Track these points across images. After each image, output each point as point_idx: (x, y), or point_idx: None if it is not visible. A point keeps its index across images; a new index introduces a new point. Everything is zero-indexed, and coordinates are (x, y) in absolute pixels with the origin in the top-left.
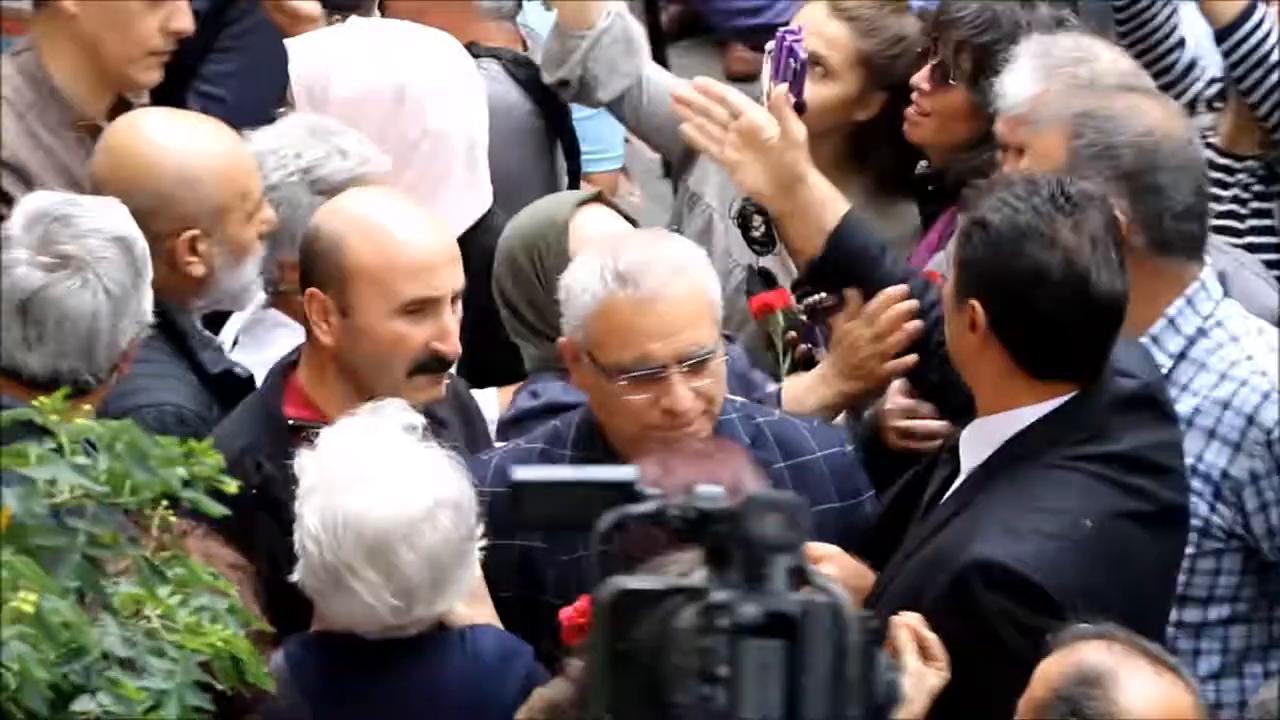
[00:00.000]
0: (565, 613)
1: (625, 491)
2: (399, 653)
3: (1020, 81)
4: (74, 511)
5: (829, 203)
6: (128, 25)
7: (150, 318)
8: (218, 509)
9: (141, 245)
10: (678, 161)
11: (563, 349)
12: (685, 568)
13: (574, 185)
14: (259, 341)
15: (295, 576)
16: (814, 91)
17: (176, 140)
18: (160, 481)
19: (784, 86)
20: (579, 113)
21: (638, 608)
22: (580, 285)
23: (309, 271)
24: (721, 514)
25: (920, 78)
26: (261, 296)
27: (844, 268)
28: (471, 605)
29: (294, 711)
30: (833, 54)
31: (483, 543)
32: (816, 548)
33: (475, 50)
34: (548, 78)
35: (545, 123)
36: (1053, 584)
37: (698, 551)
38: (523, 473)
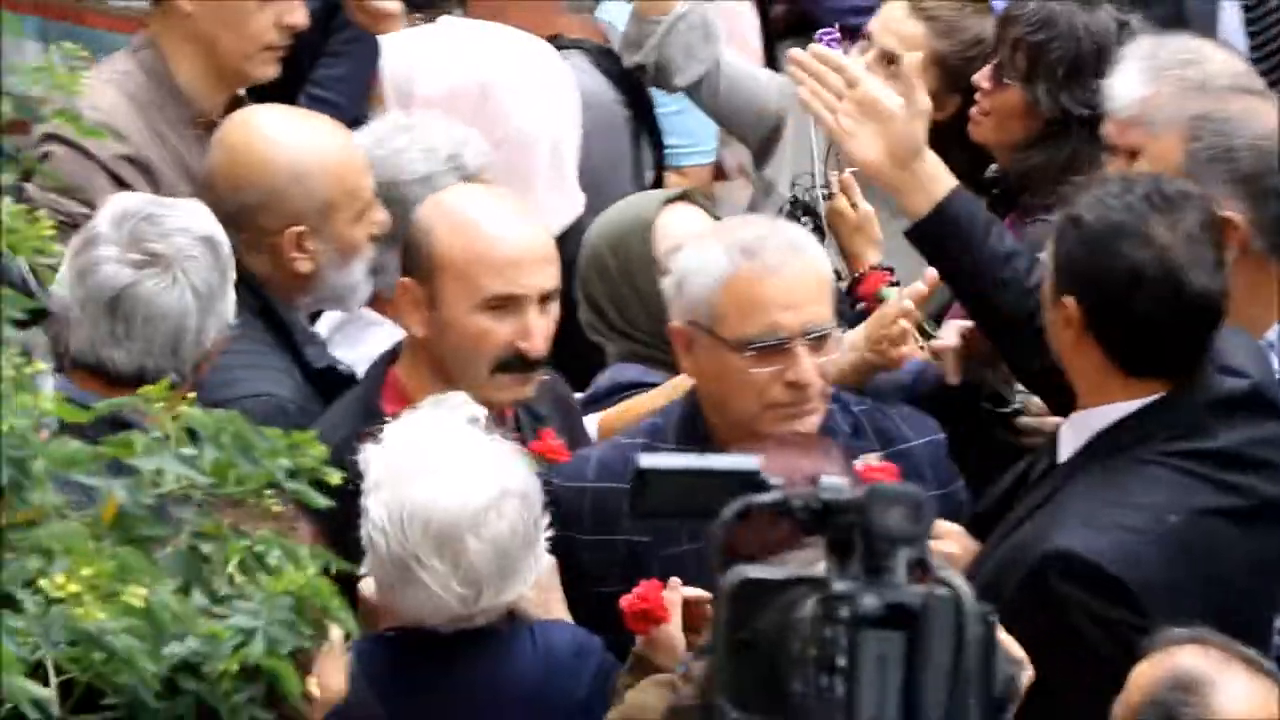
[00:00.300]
0: (626, 600)
1: (749, 481)
2: (469, 646)
3: (1129, 83)
4: (179, 501)
5: (941, 178)
6: (243, 22)
7: (232, 318)
8: (321, 501)
9: (227, 246)
10: (756, 151)
11: (674, 335)
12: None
13: (658, 177)
14: (351, 339)
15: (364, 570)
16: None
17: (289, 136)
18: (265, 472)
19: (918, 56)
20: (671, 105)
21: (759, 597)
22: (699, 265)
23: (404, 261)
24: (845, 505)
25: (981, 76)
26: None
27: (948, 235)
28: (543, 602)
29: (365, 708)
30: (907, 52)
31: (549, 532)
32: (939, 525)
33: (560, 42)
34: (626, 61)
35: (631, 113)
36: (1131, 577)
37: (820, 545)
38: (648, 460)
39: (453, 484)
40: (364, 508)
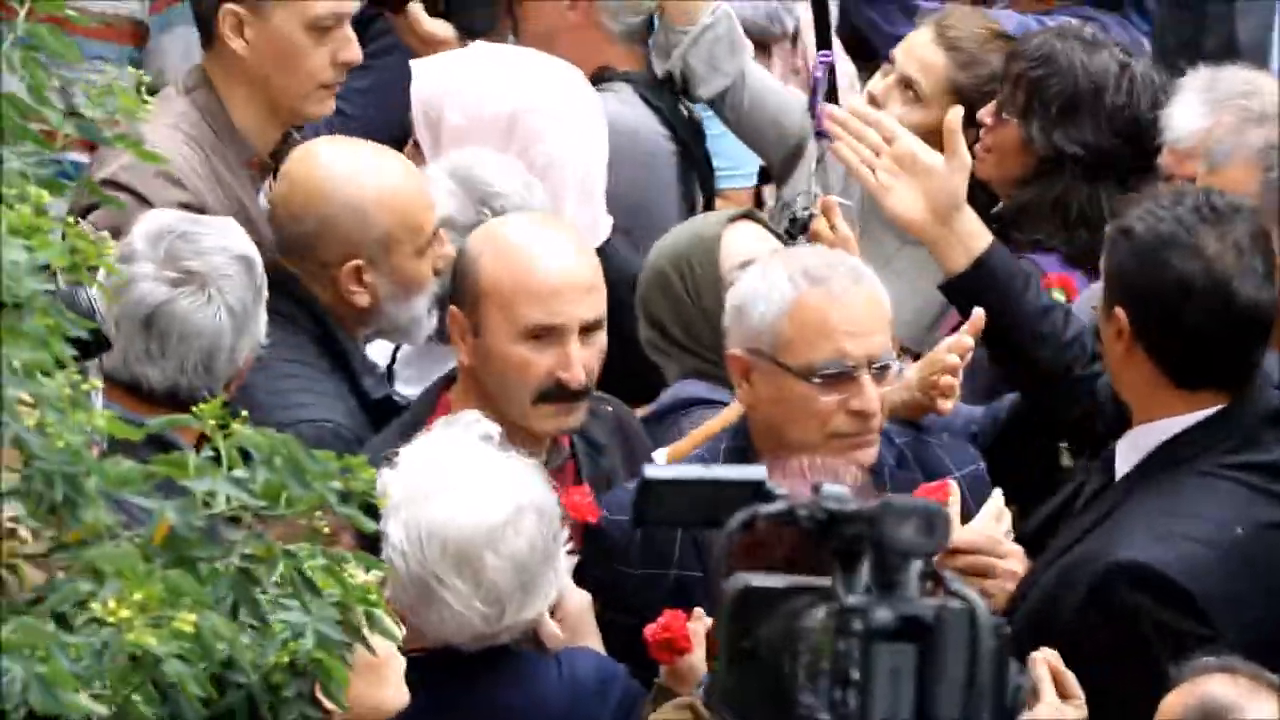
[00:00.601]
0: (650, 629)
1: (755, 490)
2: (494, 671)
3: (1188, 114)
4: (229, 522)
5: (978, 233)
6: (298, 62)
7: (264, 338)
8: (372, 525)
9: (260, 264)
10: (777, 170)
11: (732, 363)
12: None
13: (709, 208)
14: (426, 370)
15: (386, 594)
16: (904, 115)
17: (349, 169)
18: (315, 495)
19: (960, 111)
20: (713, 129)
21: (763, 606)
22: (762, 292)
23: (453, 289)
24: (852, 515)
25: (985, 112)
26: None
27: (986, 290)
28: (576, 635)
29: None
30: (926, 80)
31: (569, 547)
32: (1005, 545)
33: (607, 74)
34: (656, 69)
35: (678, 146)
36: (1198, 589)
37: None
38: (653, 471)
39: (469, 502)
40: (383, 531)
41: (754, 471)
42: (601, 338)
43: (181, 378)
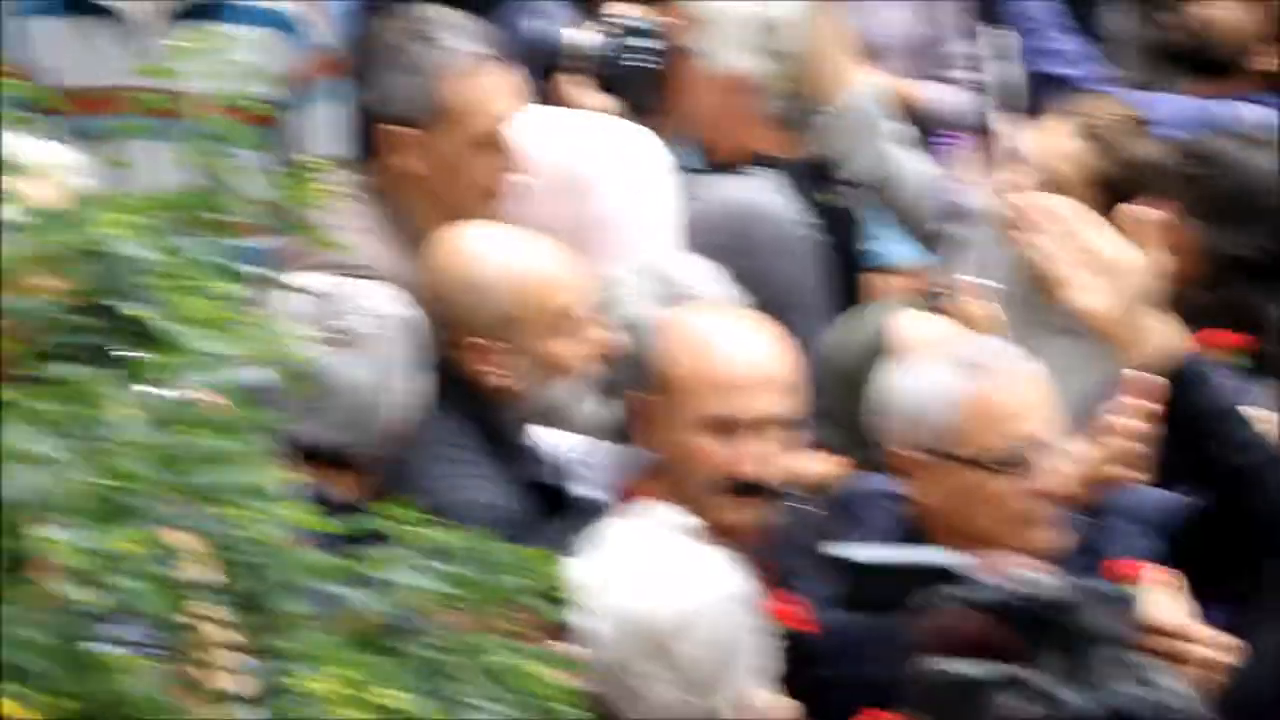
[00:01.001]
0: None
1: (953, 575)
2: None
3: None
4: (419, 613)
5: (1163, 332)
6: (460, 178)
7: (422, 400)
8: (560, 616)
9: (419, 328)
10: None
11: (895, 460)
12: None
13: (862, 285)
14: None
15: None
16: None
17: (476, 249)
18: (503, 588)
19: (1154, 211)
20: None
21: (957, 692)
22: (924, 387)
23: (640, 375)
24: (1052, 602)
25: (1139, 204)
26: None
27: (1174, 390)
28: None
29: None
30: (1067, 168)
31: (772, 640)
32: (1200, 630)
33: (755, 159)
34: (801, 151)
35: (820, 232)
36: None
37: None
38: (863, 554)
39: (664, 589)
40: (573, 620)
41: (956, 556)
42: (789, 435)
43: (326, 434)
